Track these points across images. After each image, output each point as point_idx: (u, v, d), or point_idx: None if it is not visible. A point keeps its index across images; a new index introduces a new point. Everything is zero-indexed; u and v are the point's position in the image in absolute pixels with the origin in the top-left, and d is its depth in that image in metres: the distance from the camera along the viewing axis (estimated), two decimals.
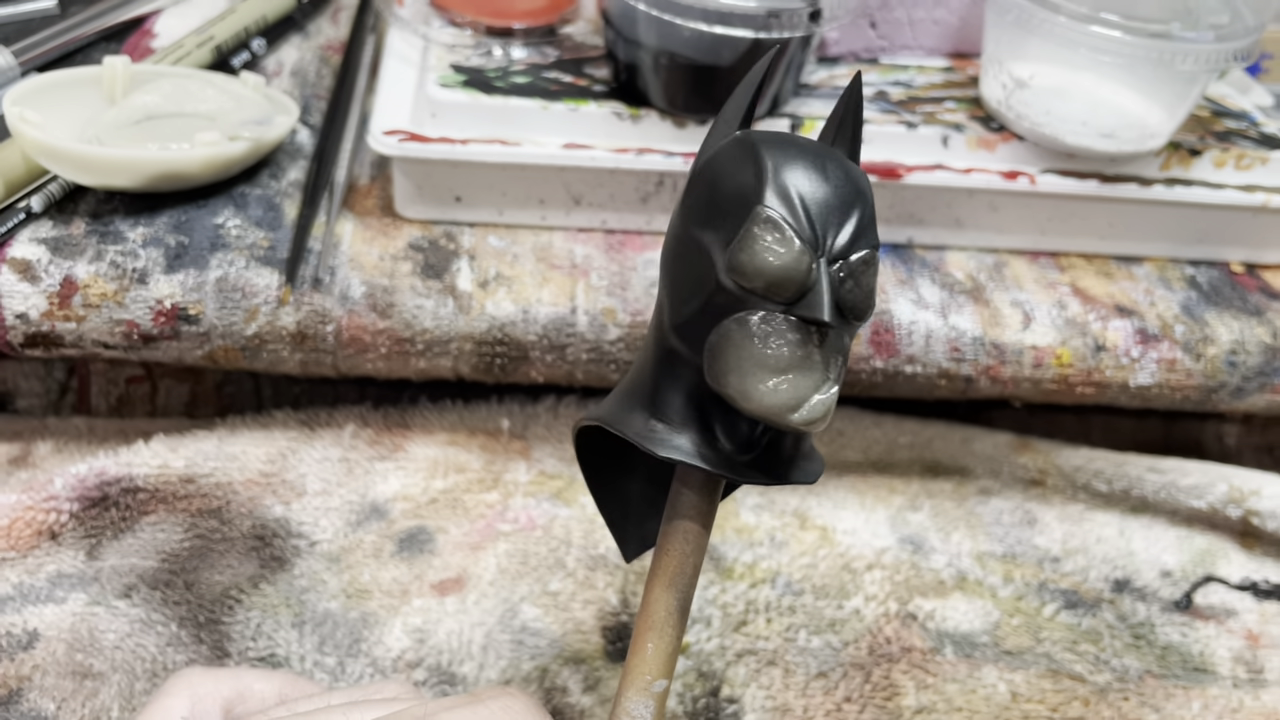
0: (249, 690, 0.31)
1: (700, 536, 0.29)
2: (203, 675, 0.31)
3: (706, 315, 0.27)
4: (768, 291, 0.26)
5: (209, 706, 0.30)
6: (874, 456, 0.53)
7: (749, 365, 0.26)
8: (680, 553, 0.29)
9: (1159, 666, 0.46)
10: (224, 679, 0.31)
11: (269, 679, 0.32)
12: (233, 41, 0.57)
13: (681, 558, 0.29)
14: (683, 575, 0.29)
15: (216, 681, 0.31)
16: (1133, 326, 0.50)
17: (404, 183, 0.48)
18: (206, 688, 0.30)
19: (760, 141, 0.27)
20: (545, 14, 0.54)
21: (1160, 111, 0.50)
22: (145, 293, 0.44)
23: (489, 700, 0.28)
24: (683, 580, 0.29)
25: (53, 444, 0.49)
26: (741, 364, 0.27)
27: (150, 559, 0.45)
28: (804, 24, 0.45)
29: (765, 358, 0.26)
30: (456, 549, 0.47)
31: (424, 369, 0.48)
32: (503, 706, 0.28)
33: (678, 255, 0.28)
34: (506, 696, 0.29)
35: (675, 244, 0.29)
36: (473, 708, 0.28)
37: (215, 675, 0.31)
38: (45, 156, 0.44)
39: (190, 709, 0.30)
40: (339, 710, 0.28)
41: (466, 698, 0.29)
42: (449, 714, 0.27)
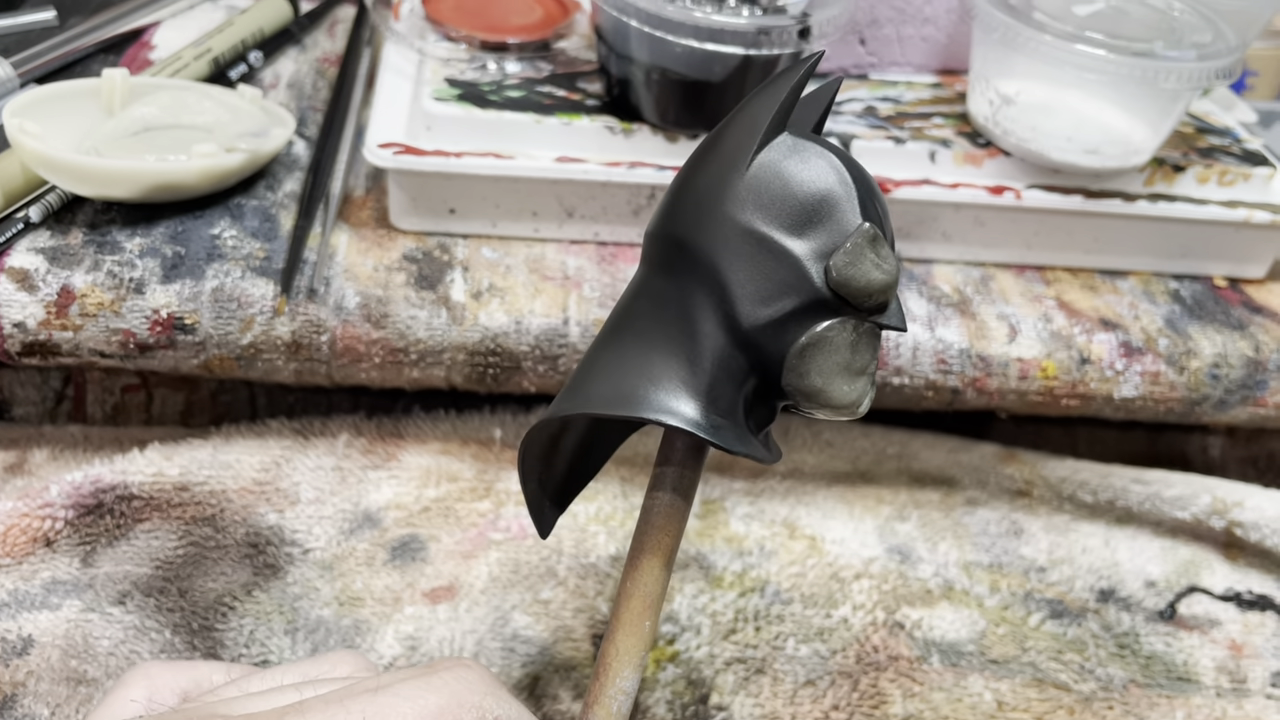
0: (206, 680, 0.31)
1: (686, 513, 0.32)
2: (160, 667, 0.31)
3: (793, 318, 0.29)
4: (865, 302, 0.29)
5: (165, 697, 0.30)
6: (862, 467, 0.54)
7: (838, 369, 0.29)
8: (677, 531, 0.31)
9: (1143, 676, 0.46)
10: (181, 670, 0.31)
11: (227, 670, 0.32)
12: (230, 54, 0.57)
13: (677, 536, 0.31)
14: (673, 554, 0.31)
15: (174, 673, 0.31)
16: (1117, 340, 0.50)
17: (399, 195, 0.49)
18: (164, 679, 0.31)
19: (834, 151, 0.29)
20: (539, 29, 0.55)
21: (1144, 128, 0.51)
22: (142, 302, 0.45)
23: (442, 671, 0.28)
24: (672, 559, 0.31)
25: (49, 451, 0.50)
26: (831, 367, 0.29)
27: (145, 566, 0.45)
28: (794, 41, 0.45)
29: (851, 362, 0.29)
30: (448, 557, 0.47)
31: (417, 379, 0.48)
32: (456, 677, 0.28)
33: (746, 255, 0.29)
34: (461, 667, 0.29)
35: (741, 243, 0.29)
36: (426, 679, 0.28)
37: (173, 667, 0.31)
38: (44, 167, 0.45)
39: (147, 699, 0.30)
40: (292, 689, 0.28)
41: (420, 669, 0.29)
42: (402, 685, 0.27)
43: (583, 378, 0.30)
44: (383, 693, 0.27)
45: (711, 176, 0.29)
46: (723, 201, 0.29)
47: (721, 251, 0.29)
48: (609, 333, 0.31)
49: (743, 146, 0.29)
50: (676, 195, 0.30)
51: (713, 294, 0.29)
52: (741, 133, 0.29)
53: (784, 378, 0.29)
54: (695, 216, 0.29)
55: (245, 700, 0.28)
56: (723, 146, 0.29)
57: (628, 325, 0.30)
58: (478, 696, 0.28)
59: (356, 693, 0.27)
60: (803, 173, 0.29)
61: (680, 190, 0.30)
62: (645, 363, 0.29)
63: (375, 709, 0.26)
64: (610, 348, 0.30)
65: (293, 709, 0.26)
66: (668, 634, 0.45)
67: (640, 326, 0.30)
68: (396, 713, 0.26)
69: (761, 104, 0.29)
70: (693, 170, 0.30)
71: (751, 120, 0.29)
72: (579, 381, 0.30)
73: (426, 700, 0.27)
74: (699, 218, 0.29)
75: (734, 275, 0.29)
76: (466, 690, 0.28)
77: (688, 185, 0.30)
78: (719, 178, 0.29)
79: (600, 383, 0.29)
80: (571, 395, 0.30)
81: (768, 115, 0.29)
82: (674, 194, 0.30)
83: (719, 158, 0.29)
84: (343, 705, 0.26)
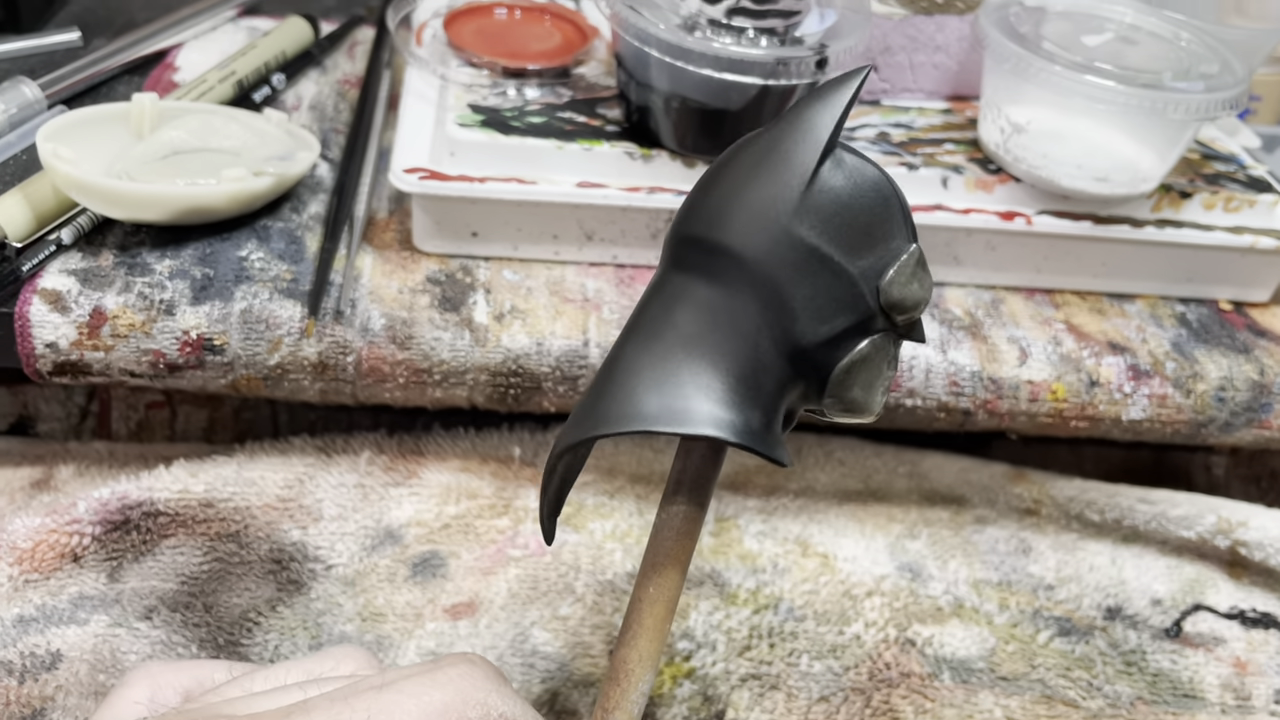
0: (208, 678, 0.31)
1: (703, 519, 0.32)
2: (162, 666, 0.31)
3: (845, 335, 0.30)
4: (905, 320, 0.30)
5: (168, 695, 0.30)
6: (874, 486, 0.54)
7: (876, 380, 0.31)
8: (696, 536, 0.32)
9: (1150, 693, 0.47)
10: (184, 669, 0.31)
11: (229, 668, 0.32)
12: (254, 77, 0.58)
13: (695, 541, 0.32)
14: (690, 559, 0.32)
15: (177, 672, 0.31)
16: (1125, 363, 0.51)
17: (423, 218, 0.50)
18: (166, 678, 0.31)
19: (879, 168, 0.30)
20: (558, 55, 0.56)
21: (1152, 156, 0.52)
22: (172, 324, 0.46)
23: (448, 667, 0.28)
24: (688, 564, 0.32)
25: (74, 468, 0.50)
26: (872, 379, 0.31)
27: (170, 581, 0.46)
28: (811, 71, 0.46)
29: (885, 374, 0.31)
30: (469, 573, 0.48)
31: (440, 398, 0.49)
32: (460, 673, 0.28)
33: (807, 272, 0.29)
34: (465, 663, 0.29)
35: (802, 260, 0.29)
36: (431, 675, 0.28)
37: (175, 666, 0.31)
38: (78, 191, 0.46)
39: (150, 698, 0.30)
40: (296, 687, 0.28)
41: (426, 665, 0.29)
42: (407, 682, 0.27)
43: (621, 389, 0.29)
44: (387, 689, 0.27)
45: (767, 187, 0.29)
46: (784, 216, 0.29)
47: (781, 267, 0.29)
48: (638, 338, 0.30)
49: (803, 160, 0.29)
50: (718, 199, 0.30)
51: (769, 308, 0.29)
52: (800, 145, 0.29)
53: (829, 389, 0.30)
54: (749, 226, 0.29)
55: (249, 700, 0.28)
56: (777, 156, 0.29)
57: (670, 334, 0.29)
58: (482, 693, 0.28)
59: (361, 690, 0.27)
60: (860, 192, 0.29)
61: (723, 195, 0.30)
62: (695, 375, 0.29)
63: (380, 706, 0.26)
64: (649, 357, 0.29)
65: (297, 708, 0.26)
66: (684, 651, 0.46)
67: (688, 336, 0.29)
68: (401, 710, 0.26)
69: (818, 115, 0.29)
70: (737, 176, 0.30)
71: (810, 132, 0.29)
72: (615, 393, 0.29)
73: (431, 696, 0.27)
74: (755, 228, 0.29)
75: (794, 292, 0.29)
76: (471, 686, 0.28)
77: (735, 191, 0.29)
78: (777, 190, 0.29)
79: (651, 397, 0.29)
80: (614, 409, 0.29)
81: (827, 129, 0.29)
82: (713, 198, 0.30)
83: (774, 168, 0.29)
84: (347, 703, 0.26)
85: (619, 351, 0.30)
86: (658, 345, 0.29)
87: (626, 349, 0.30)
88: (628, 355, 0.30)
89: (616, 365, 0.30)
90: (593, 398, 0.30)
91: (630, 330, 0.30)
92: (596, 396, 0.30)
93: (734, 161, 0.30)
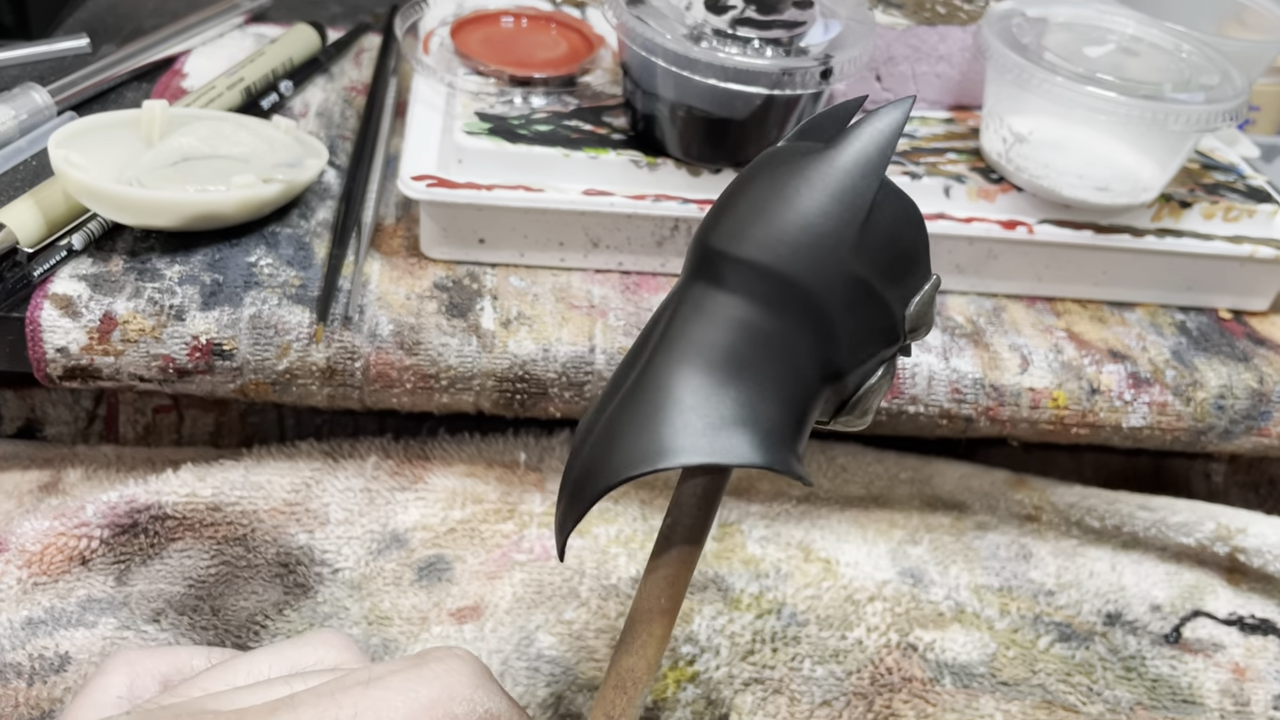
0: (187, 666, 0.31)
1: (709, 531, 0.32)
2: (140, 654, 0.30)
3: (876, 360, 0.30)
4: (914, 340, 0.31)
5: (146, 683, 0.30)
6: (876, 491, 0.55)
7: (880, 395, 0.31)
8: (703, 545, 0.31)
9: (1149, 698, 0.47)
10: (161, 656, 0.31)
11: (207, 655, 0.31)
12: (262, 83, 0.59)
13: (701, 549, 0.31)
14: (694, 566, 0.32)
15: (155, 659, 0.30)
16: (1125, 370, 0.52)
17: (430, 225, 0.50)
18: (144, 665, 0.30)
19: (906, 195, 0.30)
20: (564, 64, 0.56)
21: (1153, 166, 0.52)
22: (182, 329, 0.46)
23: (433, 663, 0.28)
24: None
25: (82, 471, 0.51)
26: (879, 395, 0.31)
27: (178, 584, 0.46)
28: (815, 81, 0.47)
29: (887, 388, 0.31)
30: (474, 578, 0.48)
31: (447, 404, 0.49)
32: (447, 668, 0.28)
33: (855, 304, 0.29)
34: (452, 658, 0.28)
35: (852, 292, 0.29)
36: (417, 670, 0.27)
37: (153, 654, 0.31)
38: (89, 198, 0.46)
39: (128, 686, 0.30)
40: (281, 682, 0.28)
41: (411, 660, 0.28)
42: (394, 678, 0.27)
43: (674, 418, 0.28)
44: (374, 685, 0.27)
45: (827, 218, 0.28)
46: (843, 249, 0.28)
47: (836, 299, 0.28)
48: (689, 364, 0.28)
49: (863, 192, 0.28)
50: (773, 224, 0.29)
51: (819, 337, 0.29)
52: (858, 175, 0.28)
53: (848, 408, 0.31)
54: (813, 260, 0.28)
55: (233, 695, 0.28)
56: (836, 186, 0.28)
57: (723, 362, 0.28)
58: (469, 689, 0.28)
59: (347, 685, 0.27)
60: (902, 223, 0.29)
61: (781, 220, 0.29)
62: (754, 408, 0.28)
63: (367, 703, 0.26)
64: (702, 385, 0.28)
65: (284, 704, 0.26)
66: (687, 654, 0.47)
67: (744, 367, 0.28)
68: (388, 706, 0.26)
69: (874, 144, 0.29)
70: (796, 201, 0.29)
71: (868, 162, 0.28)
72: (669, 420, 0.28)
73: (418, 693, 0.27)
74: (818, 262, 0.28)
75: (844, 323, 0.29)
76: (458, 682, 0.28)
77: (794, 218, 0.28)
78: (837, 221, 0.28)
79: (711, 429, 0.27)
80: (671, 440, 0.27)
81: (885, 161, 0.28)
82: (778, 225, 0.29)
83: (834, 198, 0.28)
84: (333, 699, 0.26)
85: (659, 373, 0.28)
86: (707, 371, 0.28)
87: (671, 372, 0.28)
88: (667, 378, 0.28)
89: (657, 387, 0.28)
90: (632, 422, 0.28)
91: (667, 349, 0.29)
92: (638, 426, 0.28)
93: (786, 185, 0.29)
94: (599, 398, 0.31)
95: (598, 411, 0.30)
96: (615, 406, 0.29)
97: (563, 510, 0.30)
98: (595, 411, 0.30)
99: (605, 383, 0.49)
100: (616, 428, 0.28)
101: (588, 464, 0.29)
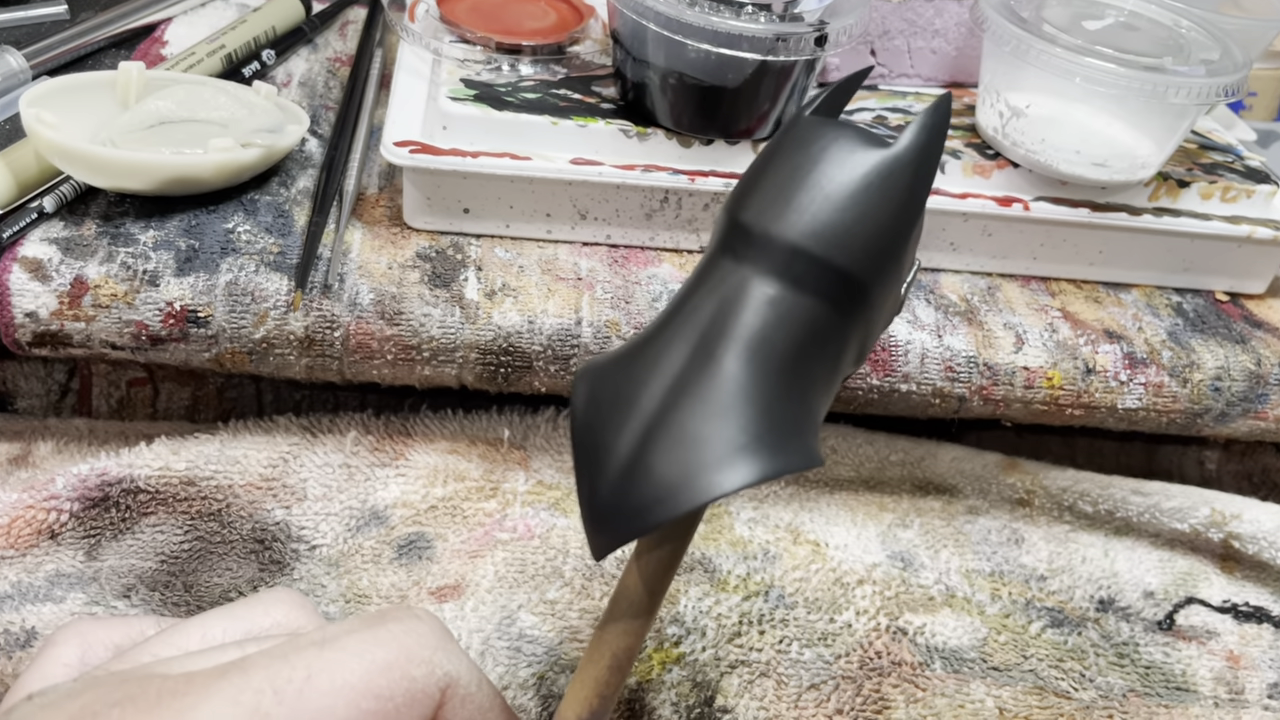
0: (139, 634, 0.30)
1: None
2: (92, 624, 0.30)
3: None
4: None
5: (98, 653, 0.29)
6: (865, 474, 0.54)
7: None
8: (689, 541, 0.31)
9: (1142, 685, 0.47)
10: (114, 625, 0.30)
11: (158, 623, 0.31)
12: (243, 51, 0.58)
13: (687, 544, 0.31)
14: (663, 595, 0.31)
15: (107, 629, 0.30)
16: (1121, 351, 0.51)
17: (413, 193, 0.49)
18: (96, 635, 0.29)
19: None
20: (553, 33, 0.55)
21: (1150, 143, 0.51)
22: (156, 294, 0.45)
23: (391, 623, 0.27)
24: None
25: (53, 444, 0.49)
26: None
27: (150, 560, 0.45)
28: (810, 48, 0.46)
29: None
30: (455, 556, 0.47)
31: (429, 376, 0.48)
32: (405, 629, 0.27)
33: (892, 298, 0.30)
34: (410, 618, 0.27)
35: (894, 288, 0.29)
36: (373, 631, 0.27)
37: (106, 623, 0.30)
38: (60, 158, 0.45)
39: (80, 655, 0.29)
40: (234, 646, 0.27)
41: (368, 619, 0.27)
42: (349, 638, 0.26)
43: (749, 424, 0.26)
44: (328, 646, 0.26)
45: (896, 221, 0.28)
46: (905, 253, 0.29)
47: (886, 299, 0.29)
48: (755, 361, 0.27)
49: (920, 199, 0.29)
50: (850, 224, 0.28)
51: (861, 331, 0.29)
52: (921, 178, 0.28)
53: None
54: (878, 260, 0.28)
55: (185, 659, 0.27)
56: (905, 188, 0.28)
57: (783, 360, 0.27)
58: (428, 650, 0.27)
59: (301, 646, 0.26)
60: (914, 207, 0.29)
61: (856, 220, 0.28)
62: (804, 406, 0.27)
63: (321, 664, 0.25)
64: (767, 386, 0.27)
65: (234, 666, 0.25)
66: (673, 636, 0.46)
67: (802, 366, 0.27)
68: (343, 668, 0.26)
69: (933, 146, 0.28)
70: (867, 201, 0.28)
71: (928, 163, 0.28)
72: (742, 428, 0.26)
73: (374, 655, 0.26)
74: (881, 263, 0.28)
75: (881, 319, 0.30)
76: (416, 643, 0.27)
77: (868, 219, 0.28)
78: (905, 225, 0.28)
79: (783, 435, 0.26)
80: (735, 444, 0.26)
81: (935, 159, 0.29)
82: (844, 220, 0.28)
83: (904, 202, 0.28)
84: (286, 660, 0.25)
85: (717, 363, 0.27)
86: (759, 373, 0.27)
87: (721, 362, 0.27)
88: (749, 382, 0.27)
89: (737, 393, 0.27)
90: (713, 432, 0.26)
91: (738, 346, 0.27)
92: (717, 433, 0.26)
93: (859, 185, 0.28)
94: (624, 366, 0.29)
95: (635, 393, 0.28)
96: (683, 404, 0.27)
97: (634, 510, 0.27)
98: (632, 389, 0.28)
99: (591, 357, 0.48)
100: (692, 430, 0.26)
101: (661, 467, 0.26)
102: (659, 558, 0.30)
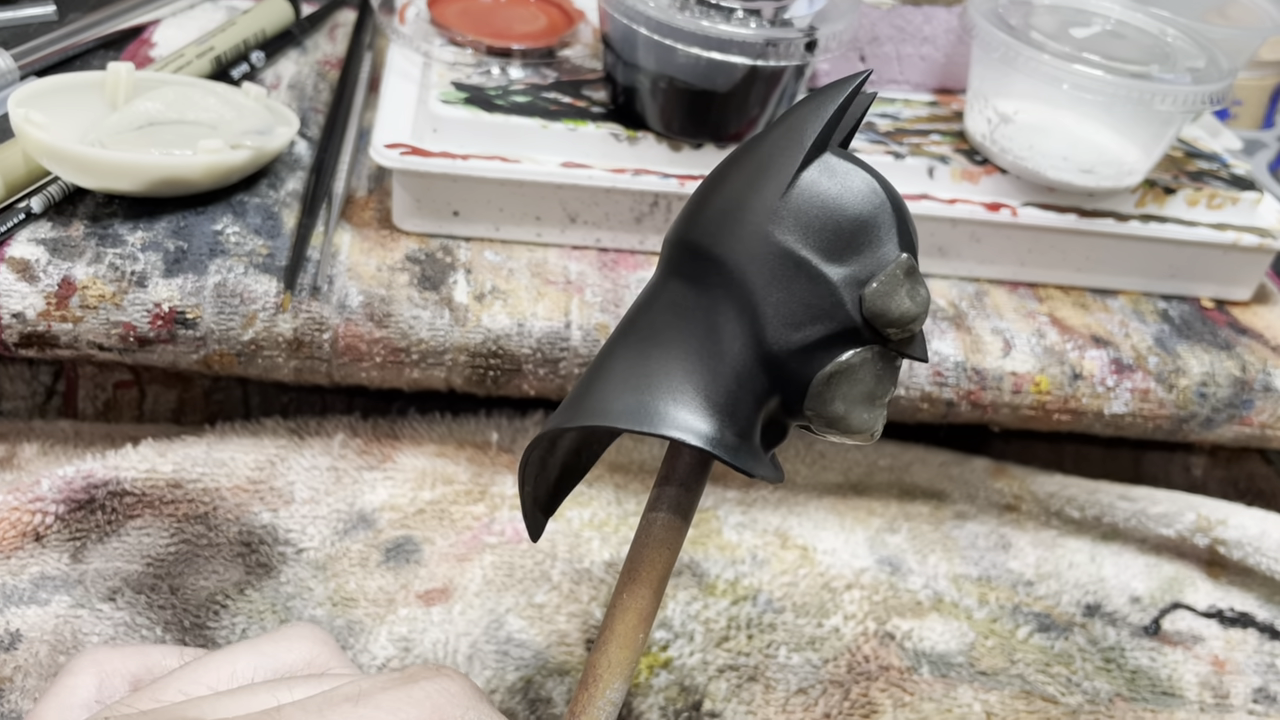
0: (157, 665, 0.30)
1: (686, 531, 0.31)
2: (109, 653, 0.30)
3: (822, 345, 0.28)
4: (895, 334, 0.28)
5: (116, 684, 0.29)
6: (854, 479, 0.54)
7: (860, 396, 0.29)
8: (676, 548, 0.30)
9: (1128, 689, 0.47)
10: (131, 655, 0.30)
11: (180, 654, 0.31)
12: (232, 53, 0.57)
13: (675, 553, 0.30)
14: (670, 570, 0.31)
15: (124, 658, 0.30)
16: (1108, 356, 0.51)
17: (403, 196, 0.49)
18: (113, 664, 0.29)
19: (880, 177, 0.28)
20: (543, 37, 0.55)
21: (1137, 150, 0.52)
22: (144, 296, 0.45)
23: (424, 681, 0.27)
24: (668, 575, 0.31)
25: (38, 446, 0.49)
26: (854, 394, 0.29)
27: (135, 563, 0.45)
28: (800, 53, 0.46)
29: (874, 391, 0.29)
30: (443, 560, 0.47)
31: (417, 379, 0.48)
32: (439, 688, 0.27)
33: (781, 277, 0.28)
34: (443, 678, 0.28)
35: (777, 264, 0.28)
36: (407, 689, 0.27)
37: (122, 652, 0.30)
38: (48, 158, 0.45)
39: (97, 686, 0.29)
40: (265, 689, 0.27)
41: (400, 677, 0.28)
42: (382, 695, 0.26)
43: (598, 385, 0.29)
44: (362, 703, 0.26)
45: (748, 190, 0.28)
46: (760, 218, 0.28)
47: (755, 270, 0.28)
48: (624, 338, 0.29)
49: (784, 163, 0.28)
50: (704, 203, 0.29)
51: (743, 312, 0.28)
52: (783, 147, 0.28)
53: (807, 402, 0.29)
54: (728, 229, 0.28)
55: (215, 700, 0.27)
56: (761, 159, 0.28)
57: (648, 333, 0.29)
58: (460, 710, 0.27)
59: (335, 701, 0.26)
60: (845, 196, 0.28)
61: (709, 199, 0.29)
62: (666, 375, 0.28)
63: None
64: (627, 355, 0.29)
65: (269, 715, 0.26)
66: (661, 640, 0.45)
67: (663, 337, 0.29)
68: None
69: (805, 118, 0.28)
70: (724, 180, 0.29)
71: (795, 135, 0.28)
72: (593, 388, 0.29)
73: (407, 713, 0.26)
74: (732, 231, 0.28)
75: (766, 296, 0.28)
76: (448, 702, 0.27)
77: (719, 195, 0.29)
78: (757, 192, 0.28)
79: (620, 394, 0.28)
80: (586, 403, 0.28)
81: (813, 131, 0.28)
82: (701, 202, 0.29)
83: (757, 171, 0.28)
84: (322, 715, 0.26)
85: (604, 348, 0.30)
86: (633, 344, 0.29)
87: (607, 347, 0.30)
88: (605, 353, 0.29)
89: (599, 362, 0.29)
90: (574, 393, 0.29)
91: (617, 328, 0.30)
92: (577, 392, 0.29)
93: (723, 166, 0.29)
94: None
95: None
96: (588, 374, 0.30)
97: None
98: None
99: (580, 360, 0.48)
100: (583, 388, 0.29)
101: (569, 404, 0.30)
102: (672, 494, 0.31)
